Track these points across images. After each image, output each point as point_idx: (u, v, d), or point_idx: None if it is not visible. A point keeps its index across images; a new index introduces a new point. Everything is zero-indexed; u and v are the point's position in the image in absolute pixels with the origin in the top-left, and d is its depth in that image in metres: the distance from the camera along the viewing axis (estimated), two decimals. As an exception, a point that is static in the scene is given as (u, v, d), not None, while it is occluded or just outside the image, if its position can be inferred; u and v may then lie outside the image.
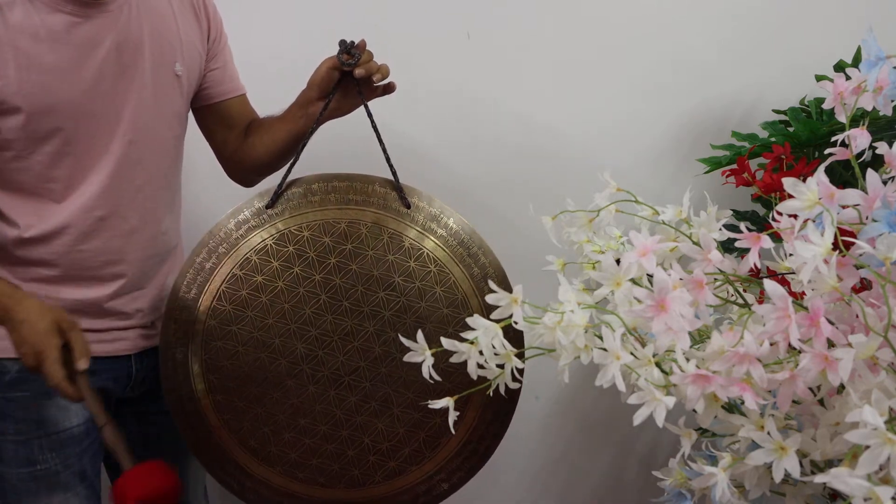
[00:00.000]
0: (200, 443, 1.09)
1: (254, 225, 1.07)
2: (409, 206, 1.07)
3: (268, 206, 1.07)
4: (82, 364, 0.92)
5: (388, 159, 1.06)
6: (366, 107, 1.07)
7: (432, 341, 0.84)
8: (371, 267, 1.05)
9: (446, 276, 1.06)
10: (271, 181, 1.14)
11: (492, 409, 1.08)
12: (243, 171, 1.20)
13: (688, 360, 0.70)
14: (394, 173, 1.07)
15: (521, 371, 0.84)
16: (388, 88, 1.08)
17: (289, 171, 1.08)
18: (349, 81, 1.06)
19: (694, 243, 0.79)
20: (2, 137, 0.93)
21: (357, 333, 1.05)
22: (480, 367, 0.81)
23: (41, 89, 0.92)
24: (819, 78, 1.27)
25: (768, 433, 0.67)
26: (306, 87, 1.09)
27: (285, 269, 1.06)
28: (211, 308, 1.06)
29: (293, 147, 1.12)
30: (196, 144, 1.19)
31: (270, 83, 1.27)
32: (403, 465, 1.08)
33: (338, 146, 1.25)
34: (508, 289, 0.81)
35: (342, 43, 1.04)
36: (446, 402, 0.83)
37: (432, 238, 1.06)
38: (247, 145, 1.17)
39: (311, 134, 1.08)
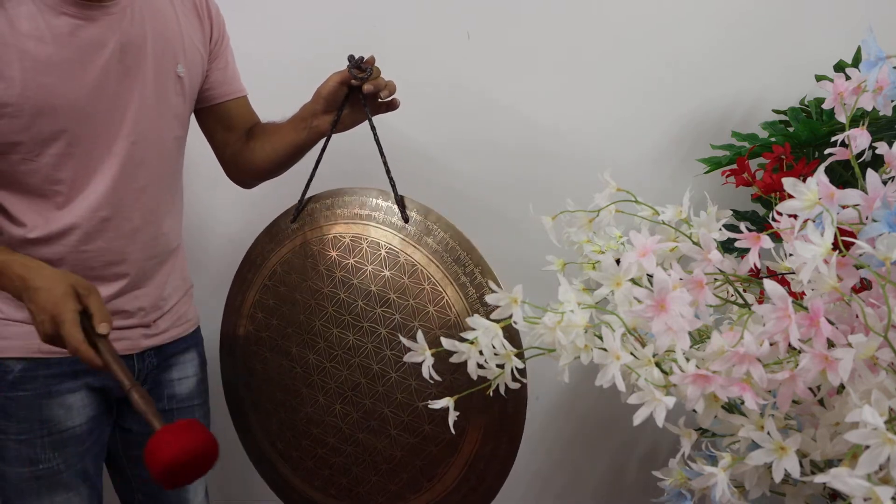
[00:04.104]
0: (243, 435, 1.21)
1: (280, 238, 1.13)
2: (407, 221, 1.05)
3: (291, 221, 1.13)
4: (103, 329, 0.88)
5: (388, 172, 1.06)
6: (370, 122, 1.07)
7: None
8: (369, 282, 1.05)
9: (440, 294, 1.01)
10: (280, 190, 1.16)
11: (492, 443, 1.03)
12: (242, 174, 1.21)
13: (688, 360, 0.70)
14: (394, 187, 1.06)
15: (522, 370, 0.84)
16: (392, 105, 1.09)
17: (307, 187, 1.12)
18: (356, 96, 1.06)
19: (694, 243, 0.79)
20: (8, 140, 0.94)
21: (357, 349, 1.05)
22: (480, 367, 0.81)
23: (46, 91, 0.93)
24: (819, 78, 1.27)
25: (768, 433, 0.67)
26: (312, 100, 1.09)
27: (301, 281, 1.08)
28: (248, 314, 1.15)
29: (293, 157, 1.14)
30: (198, 147, 1.19)
31: (271, 84, 1.27)
32: (403, 490, 1.07)
33: (338, 155, 1.25)
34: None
35: (351, 58, 1.04)
36: (446, 401, 0.84)
37: (426, 253, 1.04)
38: (247, 150, 1.17)
39: (322, 151, 1.10)
